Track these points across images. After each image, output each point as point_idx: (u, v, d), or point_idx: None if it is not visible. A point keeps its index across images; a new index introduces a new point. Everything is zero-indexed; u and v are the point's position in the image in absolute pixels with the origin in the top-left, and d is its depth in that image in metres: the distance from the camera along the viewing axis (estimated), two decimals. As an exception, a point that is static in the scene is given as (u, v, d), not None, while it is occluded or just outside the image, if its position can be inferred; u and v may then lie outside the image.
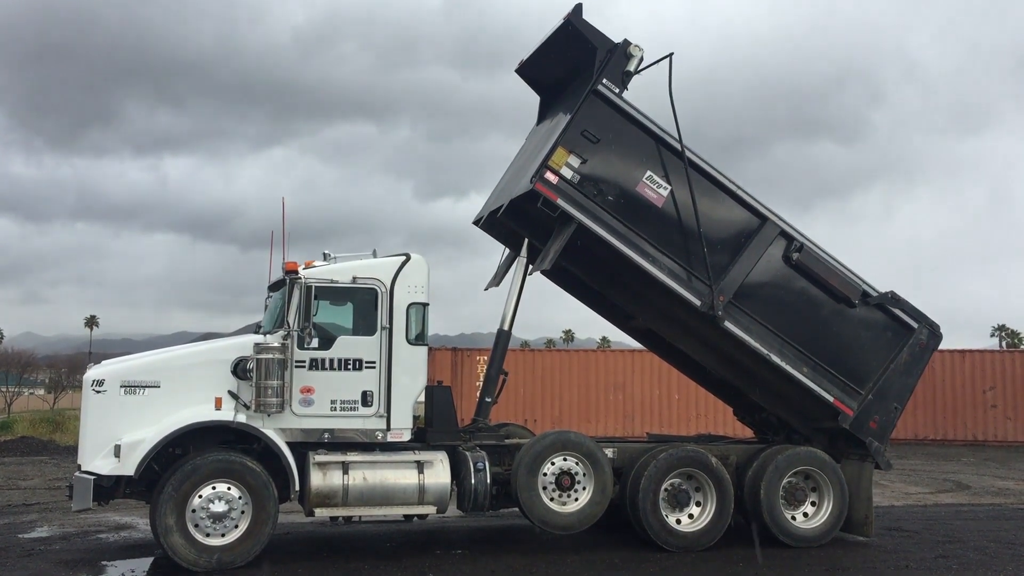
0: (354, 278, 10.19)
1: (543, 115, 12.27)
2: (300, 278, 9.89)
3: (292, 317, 9.86)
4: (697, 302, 10.58)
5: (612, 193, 10.46)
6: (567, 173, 10.24)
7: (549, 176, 10.17)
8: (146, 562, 10.03)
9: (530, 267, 11.23)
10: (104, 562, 9.99)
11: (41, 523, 12.58)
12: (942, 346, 11.98)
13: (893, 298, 11.24)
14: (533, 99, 12.42)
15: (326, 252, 10.53)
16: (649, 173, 10.55)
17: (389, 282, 10.23)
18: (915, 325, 11.33)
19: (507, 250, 12.23)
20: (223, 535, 9.32)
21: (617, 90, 10.40)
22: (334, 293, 10.18)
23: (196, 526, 9.24)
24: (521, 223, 11.21)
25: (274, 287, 10.97)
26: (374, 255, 10.64)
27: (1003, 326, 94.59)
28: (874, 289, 11.23)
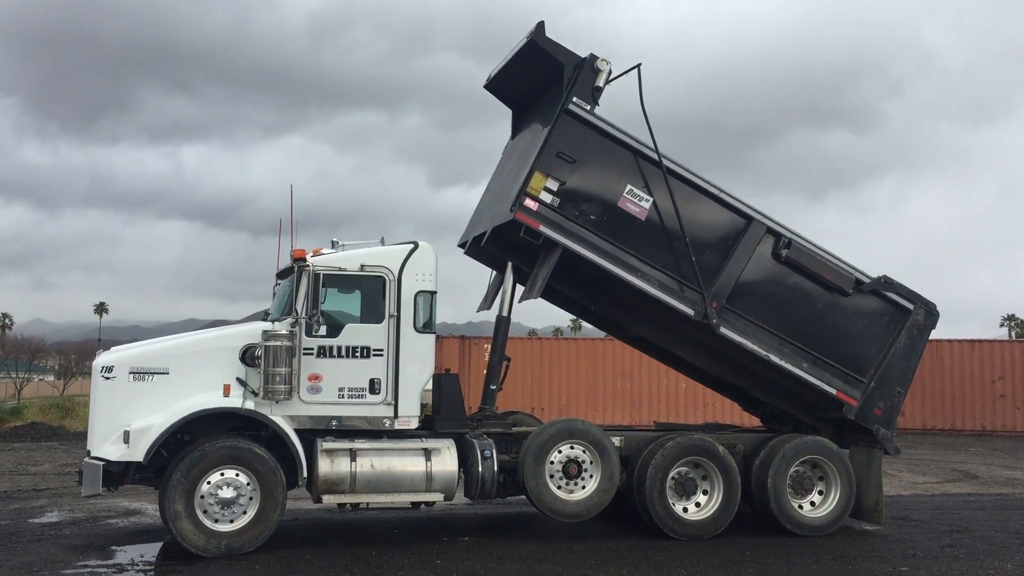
0: (362, 266, 10.19)
1: (517, 129, 12.03)
2: (308, 265, 9.91)
3: (300, 304, 9.87)
4: (691, 312, 10.49)
5: (594, 212, 10.30)
6: (546, 198, 10.05)
7: (528, 203, 9.99)
8: (155, 547, 10.09)
9: (518, 296, 11.02)
10: (113, 547, 10.05)
11: (51, 508, 12.66)
12: (951, 336, 11.94)
13: (887, 282, 11.16)
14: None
15: (334, 240, 10.53)
16: (629, 187, 10.38)
17: (397, 270, 10.23)
18: (911, 307, 11.26)
19: (494, 272, 12.06)
20: (231, 521, 9.38)
21: (588, 107, 10.17)
22: (342, 281, 10.18)
23: (205, 512, 9.29)
24: (506, 248, 10.93)
25: (282, 274, 10.97)
26: (382, 243, 10.64)
27: (1012, 316, 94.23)
28: (867, 276, 11.13)
